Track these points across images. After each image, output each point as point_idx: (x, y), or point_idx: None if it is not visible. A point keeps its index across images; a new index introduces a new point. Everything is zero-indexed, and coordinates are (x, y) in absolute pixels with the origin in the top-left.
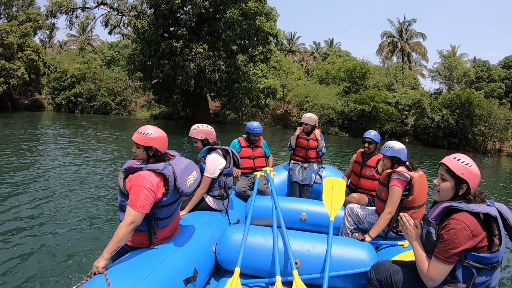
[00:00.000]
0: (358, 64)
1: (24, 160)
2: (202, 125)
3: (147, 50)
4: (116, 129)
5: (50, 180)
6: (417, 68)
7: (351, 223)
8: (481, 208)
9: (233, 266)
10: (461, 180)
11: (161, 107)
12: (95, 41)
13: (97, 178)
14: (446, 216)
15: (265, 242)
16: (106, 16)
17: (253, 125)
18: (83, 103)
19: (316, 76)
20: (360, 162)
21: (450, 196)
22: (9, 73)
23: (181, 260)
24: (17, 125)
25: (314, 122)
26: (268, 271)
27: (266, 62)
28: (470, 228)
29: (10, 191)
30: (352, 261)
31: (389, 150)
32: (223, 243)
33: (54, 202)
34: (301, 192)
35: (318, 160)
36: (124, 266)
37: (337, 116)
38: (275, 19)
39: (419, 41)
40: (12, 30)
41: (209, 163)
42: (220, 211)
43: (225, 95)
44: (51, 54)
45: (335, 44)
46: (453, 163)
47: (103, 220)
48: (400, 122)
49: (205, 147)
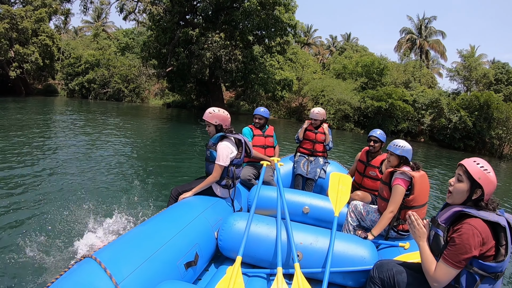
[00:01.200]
0: (376, 59)
1: (34, 143)
2: (218, 109)
3: (162, 38)
4: (128, 116)
5: (58, 163)
6: (434, 66)
7: (354, 219)
8: (491, 217)
9: (233, 254)
10: (477, 185)
11: (175, 96)
12: (110, 28)
13: (105, 162)
14: (456, 220)
15: (268, 232)
16: (121, 2)
17: (259, 109)
18: (96, 89)
19: (333, 70)
20: (364, 162)
21: (463, 199)
22: (23, 58)
23: (183, 243)
24: (29, 109)
25: (322, 117)
26: (270, 261)
27: (283, 54)
28: (482, 235)
29: (19, 173)
30: (354, 258)
31: (400, 149)
32: (225, 229)
33: (55, 184)
34: (304, 186)
35: (324, 154)
36: (124, 246)
37: (353, 112)
38: (294, 10)
39: (439, 39)
40: (27, 15)
41: (220, 150)
42: (225, 198)
43: (240, 86)
44: (66, 40)
45: (352, 39)
46: (472, 166)
47: (103, 206)
48: (416, 121)
49: (217, 134)
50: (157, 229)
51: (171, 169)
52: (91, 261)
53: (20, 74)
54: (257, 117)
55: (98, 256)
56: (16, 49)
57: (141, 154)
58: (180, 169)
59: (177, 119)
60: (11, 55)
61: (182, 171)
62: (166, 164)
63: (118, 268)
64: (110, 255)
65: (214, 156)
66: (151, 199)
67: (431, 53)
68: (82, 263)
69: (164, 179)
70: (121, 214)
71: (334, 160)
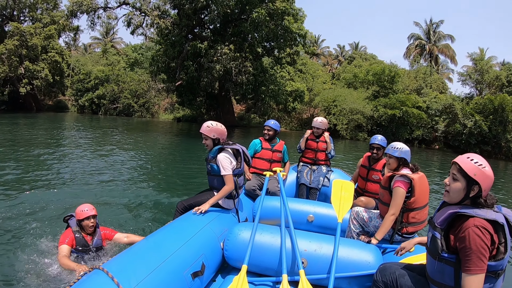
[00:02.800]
0: (387, 67)
1: (45, 157)
2: (216, 123)
3: (171, 52)
4: (138, 131)
5: (67, 176)
6: (444, 71)
7: (356, 226)
8: (489, 215)
9: (239, 263)
10: (473, 181)
11: (185, 110)
12: (119, 44)
13: (114, 176)
14: (453, 221)
15: (273, 241)
16: (129, 16)
17: (270, 121)
18: (106, 105)
19: (343, 80)
20: (367, 166)
21: (461, 198)
22: (33, 74)
23: (190, 254)
24: (38, 125)
25: (325, 126)
26: (275, 269)
27: (293, 65)
28: (489, 232)
29: (31, 185)
30: (358, 263)
31: (398, 151)
32: (231, 239)
33: (66, 199)
34: (308, 195)
35: (327, 162)
36: (132, 257)
37: (366, 121)
38: (303, 20)
39: (448, 44)
40: (36, 32)
41: (221, 162)
42: (230, 209)
43: (251, 98)
44: (76, 56)
45: (360, 47)
46: (466, 163)
47: (111, 219)
48: (430, 128)
49: (215, 147)
50: (164, 240)
51: (180, 183)
52: (100, 272)
53: (30, 91)
54: (266, 128)
55: (107, 267)
56: (26, 66)
57: (149, 168)
58: (190, 183)
59: (188, 133)
60: (21, 72)
61: (192, 185)
62: (175, 178)
63: (126, 279)
64: (118, 266)
65: (215, 169)
66: (159, 212)
67: (440, 58)
68: (91, 274)
69: (172, 192)
70: (129, 226)
71: (337, 168)
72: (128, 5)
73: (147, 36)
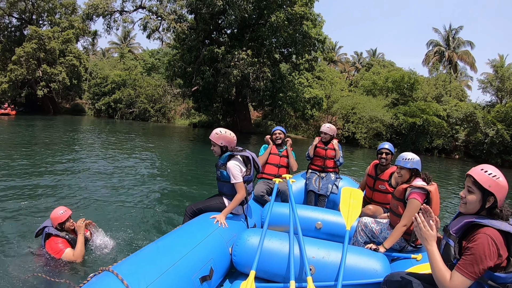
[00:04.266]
0: (406, 74)
1: (60, 160)
2: (225, 130)
3: (187, 56)
4: (153, 136)
5: (82, 180)
6: (462, 79)
7: (363, 238)
8: (503, 226)
9: (247, 269)
10: (488, 193)
11: (201, 116)
12: (137, 49)
13: (127, 179)
14: (468, 230)
15: (281, 247)
16: (145, 20)
17: (278, 127)
18: (122, 109)
19: (362, 87)
20: (373, 176)
21: (477, 209)
22: (50, 77)
23: (199, 258)
24: (55, 127)
25: (333, 132)
26: (283, 275)
27: (311, 71)
28: (497, 244)
29: (44, 185)
30: (366, 271)
31: (410, 162)
32: (239, 245)
33: (80, 201)
34: (317, 202)
35: (336, 170)
36: (141, 260)
37: (385, 130)
38: (321, 25)
39: (467, 50)
40: (54, 36)
41: (231, 169)
42: (239, 215)
43: (268, 105)
44: (94, 61)
45: (378, 54)
46: (480, 175)
47: (122, 221)
48: (449, 137)
49: (225, 154)
50: (173, 244)
51: (194, 187)
52: (110, 274)
53: (48, 93)
54: (277, 132)
55: (116, 269)
56: (43, 69)
57: (163, 172)
58: (203, 188)
59: (203, 139)
60: (39, 75)
61: (205, 190)
62: (189, 182)
63: (136, 281)
64: (128, 269)
65: (224, 176)
66: (171, 215)
67: (459, 65)
68: (100, 276)
69: (186, 197)
70: (139, 229)
71: (346, 175)
72: (145, 8)
73: (163, 40)
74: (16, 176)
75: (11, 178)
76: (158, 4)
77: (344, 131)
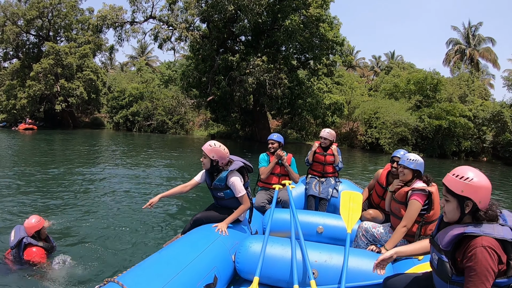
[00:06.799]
0: (429, 74)
1: (75, 171)
2: (219, 144)
3: (202, 66)
4: (171, 148)
5: (100, 192)
6: (484, 77)
7: (364, 243)
8: (496, 232)
9: (251, 275)
10: (463, 198)
11: (219, 126)
12: (154, 62)
13: (140, 190)
14: (459, 242)
15: (284, 253)
16: (155, 29)
17: (273, 135)
18: (140, 122)
19: (383, 90)
20: (384, 186)
21: (458, 216)
22: (68, 92)
23: (202, 266)
24: (73, 141)
25: (332, 137)
26: (286, 281)
27: (331, 76)
28: (497, 252)
29: (61, 203)
30: (368, 272)
31: (413, 163)
32: (242, 252)
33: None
34: (317, 206)
35: (335, 174)
36: (146, 270)
37: (411, 134)
38: (338, 28)
39: (489, 47)
40: (71, 52)
41: (236, 185)
42: (240, 222)
43: (287, 113)
44: (112, 75)
45: (396, 57)
46: (451, 181)
47: (133, 232)
48: (476, 139)
49: (223, 174)
50: (176, 253)
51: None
52: (115, 285)
53: (66, 108)
54: (269, 141)
55: (121, 280)
56: (61, 84)
57: (176, 182)
58: None
59: None
60: (57, 90)
61: None
62: (202, 194)
63: None
64: (132, 279)
65: (229, 194)
66: (176, 226)
67: (481, 62)
68: (106, 287)
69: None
70: (144, 239)
71: (346, 179)
72: (155, 18)
73: (176, 50)
74: (38, 184)
75: (38, 187)
76: (169, 13)
77: (367, 137)
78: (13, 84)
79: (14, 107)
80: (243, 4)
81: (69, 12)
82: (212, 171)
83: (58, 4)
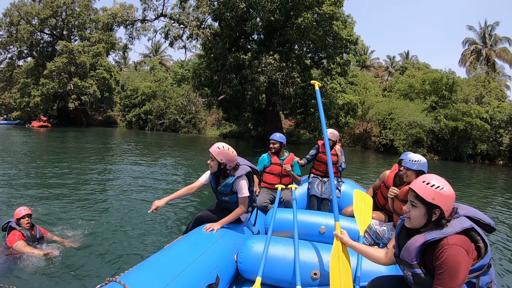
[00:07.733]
0: (444, 74)
1: (84, 169)
2: (228, 147)
3: (214, 65)
4: (183, 147)
5: (106, 190)
6: (500, 78)
7: (368, 240)
8: (455, 227)
9: (253, 276)
10: (433, 206)
11: (232, 126)
12: (168, 61)
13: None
14: (425, 250)
15: (286, 253)
16: (166, 27)
17: (275, 135)
18: (152, 121)
19: (398, 91)
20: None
21: (423, 223)
22: (81, 90)
23: (205, 266)
24: (85, 139)
25: (336, 138)
26: (289, 281)
27: (344, 76)
28: (464, 247)
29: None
30: (372, 273)
31: (416, 164)
32: (244, 252)
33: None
34: (319, 206)
35: (338, 174)
36: (148, 270)
37: (426, 136)
38: (352, 26)
39: (505, 47)
40: (84, 50)
41: (241, 186)
42: (242, 222)
43: (300, 113)
44: (126, 74)
45: (411, 57)
46: (422, 188)
47: (135, 232)
48: (492, 141)
49: (229, 180)
50: (179, 253)
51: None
52: (117, 285)
53: (79, 106)
54: (271, 141)
55: (123, 280)
56: (74, 82)
57: (185, 181)
58: None
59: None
60: (70, 88)
61: None
62: (207, 192)
63: None
64: (134, 279)
65: (234, 199)
66: (179, 225)
67: (497, 63)
68: (107, 287)
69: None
70: (146, 239)
71: (348, 179)
72: (166, 16)
73: (187, 48)
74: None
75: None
76: (181, 11)
77: (382, 139)
78: (27, 82)
79: (28, 104)
80: (255, 2)
81: (82, 11)
82: (219, 174)
83: (71, 4)
